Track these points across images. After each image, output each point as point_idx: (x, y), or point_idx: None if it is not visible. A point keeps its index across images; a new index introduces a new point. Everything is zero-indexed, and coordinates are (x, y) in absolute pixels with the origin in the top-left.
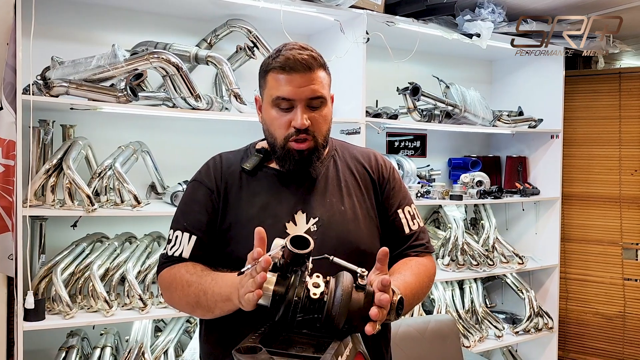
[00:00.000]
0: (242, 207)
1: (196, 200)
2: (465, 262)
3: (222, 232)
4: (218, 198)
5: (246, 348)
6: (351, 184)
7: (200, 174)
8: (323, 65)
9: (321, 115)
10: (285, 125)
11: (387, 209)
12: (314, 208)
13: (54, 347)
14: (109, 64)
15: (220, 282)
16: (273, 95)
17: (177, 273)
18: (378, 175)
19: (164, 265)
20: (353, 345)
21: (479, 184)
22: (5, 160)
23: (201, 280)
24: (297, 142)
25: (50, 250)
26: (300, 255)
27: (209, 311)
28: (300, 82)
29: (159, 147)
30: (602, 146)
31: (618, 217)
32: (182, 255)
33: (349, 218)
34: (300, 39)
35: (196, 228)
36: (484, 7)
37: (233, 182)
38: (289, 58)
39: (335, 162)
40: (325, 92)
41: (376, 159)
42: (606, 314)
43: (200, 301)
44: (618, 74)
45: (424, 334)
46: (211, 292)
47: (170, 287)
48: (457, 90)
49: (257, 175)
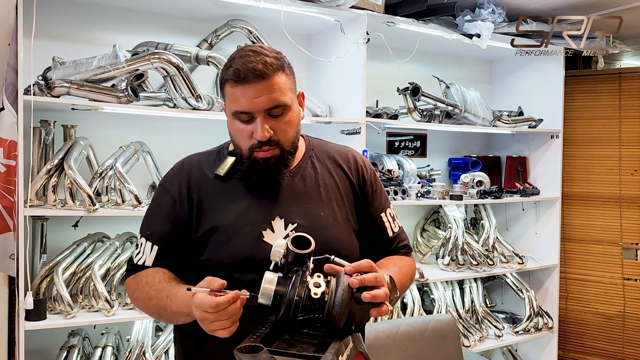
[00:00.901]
0: (219, 214)
1: (160, 208)
2: (466, 262)
3: (197, 239)
4: (184, 207)
5: (247, 347)
6: (330, 187)
7: (166, 179)
8: (280, 68)
9: (284, 122)
10: (248, 137)
11: (370, 213)
12: (292, 213)
13: (55, 347)
14: (110, 64)
15: (176, 300)
16: (232, 109)
17: (139, 283)
18: (358, 178)
19: (130, 272)
20: (354, 344)
21: (479, 184)
22: (7, 160)
23: (159, 295)
24: (262, 151)
25: (51, 250)
26: (302, 255)
27: (173, 322)
28: (254, 93)
29: (159, 147)
30: (602, 146)
31: (618, 217)
32: (144, 264)
33: (328, 224)
34: (301, 39)
35: (157, 239)
36: (484, 8)
37: (207, 188)
38: (239, 69)
39: (312, 163)
40: (285, 98)
41: (355, 161)
42: (606, 313)
43: (161, 315)
44: (618, 74)
45: (424, 333)
46: (169, 309)
47: (133, 295)
48: (457, 90)
49: (231, 181)
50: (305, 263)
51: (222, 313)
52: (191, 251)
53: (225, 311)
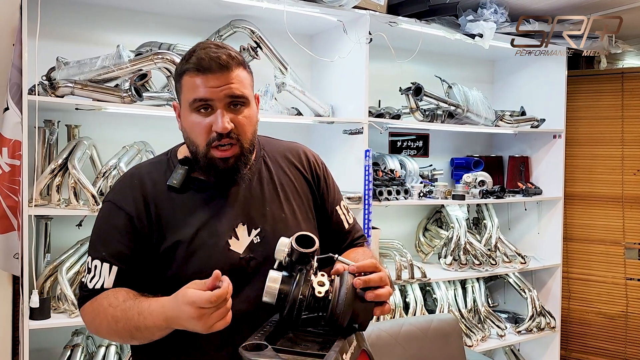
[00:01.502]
0: (179, 229)
1: (115, 227)
2: (468, 261)
3: (161, 255)
4: (143, 222)
5: (252, 345)
6: (287, 186)
7: (116, 195)
8: (242, 64)
9: (244, 117)
10: (206, 130)
11: (326, 208)
12: (254, 218)
13: (59, 346)
14: (114, 64)
15: (150, 315)
16: (189, 98)
17: (99, 307)
18: (312, 175)
19: (85, 298)
20: (357, 343)
21: (481, 184)
22: (11, 160)
23: (127, 315)
24: (220, 150)
25: (55, 250)
26: (305, 254)
27: (147, 340)
28: (217, 82)
29: (163, 147)
30: (604, 146)
31: (620, 217)
32: (103, 287)
33: (291, 224)
34: (303, 39)
35: (116, 258)
36: (487, 8)
37: (162, 201)
38: (202, 58)
39: (266, 163)
40: (247, 92)
41: (307, 156)
42: (608, 313)
43: (134, 335)
44: (621, 74)
45: (427, 333)
46: (144, 326)
47: (94, 322)
48: (459, 90)
49: (188, 191)
50: (309, 262)
51: (222, 304)
52: (156, 267)
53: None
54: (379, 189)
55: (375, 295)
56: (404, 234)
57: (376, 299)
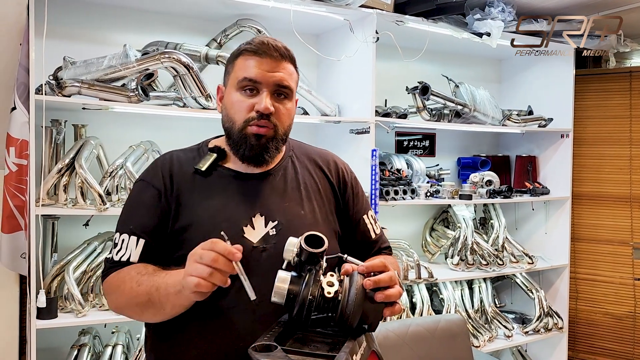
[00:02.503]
0: (196, 210)
1: (143, 202)
2: (475, 261)
3: (173, 234)
4: (168, 200)
5: (261, 346)
6: (311, 187)
7: (147, 174)
8: (294, 62)
9: (285, 108)
10: (247, 109)
11: (352, 217)
12: (272, 211)
13: (66, 345)
14: (121, 64)
15: (174, 274)
16: (240, 76)
17: (126, 275)
18: (338, 180)
19: (111, 270)
20: (367, 344)
21: (488, 184)
22: (19, 159)
23: (153, 277)
24: (257, 127)
25: (62, 249)
26: (315, 254)
27: (161, 309)
28: (270, 66)
29: (169, 147)
30: (612, 145)
31: (629, 217)
32: (129, 260)
33: (308, 222)
34: (310, 38)
35: (144, 231)
36: (494, 6)
37: (185, 183)
38: (263, 42)
39: (293, 163)
40: (293, 85)
41: (336, 164)
42: (616, 314)
43: (151, 298)
44: (629, 72)
45: (434, 333)
46: (164, 285)
47: (118, 289)
48: (466, 89)
49: (211, 176)
50: (319, 262)
51: (224, 261)
52: (167, 247)
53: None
54: (386, 188)
55: (385, 296)
56: (410, 233)
57: (386, 299)
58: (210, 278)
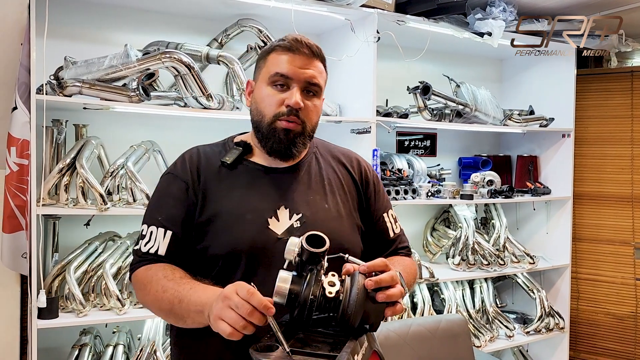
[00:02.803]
0: (221, 202)
1: (170, 194)
2: (476, 261)
3: (198, 226)
4: (195, 192)
5: (263, 346)
6: (334, 182)
7: (175, 167)
8: (324, 61)
9: (314, 105)
10: (278, 104)
11: (372, 214)
12: (297, 204)
13: (67, 345)
14: (122, 63)
15: (200, 292)
16: (272, 71)
17: (154, 276)
18: (361, 178)
19: (140, 263)
20: (368, 343)
21: (489, 184)
22: (20, 159)
23: (178, 287)
24: (286, 121)
25: (63, 249)
26: (316, 253)
27: (181, 320)
28: (302, 63)
29: (170, 147)
30: (614, 145)
31: (630, 217)
32: (157, 252)
33: (332, 216)
34: (311, 38)
35: (171, 223)
36: (495, 6)
37: (211, 176)
38: (297, 39)
39: (317, 159)
40: (322, 84)
41: (359, 162)
42: (618, 314)
43: (173, 309)
44: (630, 72)
45: (435, 333)
46: (187, 300)
47: (144, 288)
48: (467, 89)
49: (237, 169)
50: (320, 262)
51: (249, 310)
52: (193, 239)
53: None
54: (387, 188)
55: (386, 296)
56: (411, 233)
57: (387, 299)
58: (243, 330)
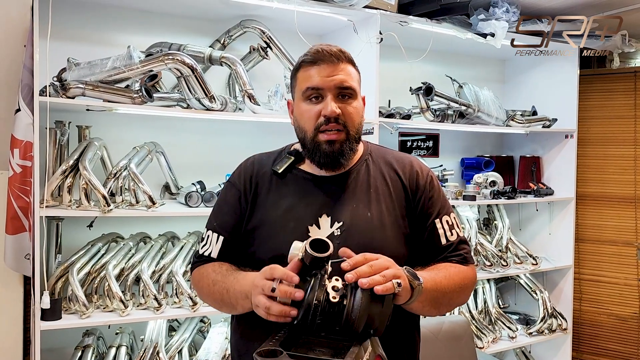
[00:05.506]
0: (268, 209)
1: (226, 202)
2: (479, 262)
3: (246, 232)
4: (246, 199)
5: (266, 351)
6: (381, 190)
7: (233, 175)
8: (351, 61)
9: (352, 107)
10: (315, 116)
11: (423, 219)
12: (339, 212)
13: (70, 346)
14: (125, 65)
15: (241, 280)
16: (303, 87)
17: (204, 272)
18: (410, 183)
19: (196, 264)
20: (372, 348)
21: (492, 184)
22: (23, 161)
23: (225, 279)
24: (327, 134)
25: (66, 250)
26: (320, 258)
27: (233, 308)
28: (328, 71)
29: (173, 148)
30: (617, 146)
31: (633, 218)
32: (211, 255)
33: (374, 225)
34: (314, 39)
35: (223, 229)
36: (498, 7)
37: (263, 183)
38: (318, 51)
39: (367, 166)
40: (354, 85)
41: (412, 166)
42: (621, 315)
43: (223, 299)
44: (633, 72)
45: (438, 334)
46: (232, 290)
47: (198, 285)
48: (470, 89)
49: (286, 178)
50: (324, 266)
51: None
52: (241, 244)
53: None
54: None
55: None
56: None
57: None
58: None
